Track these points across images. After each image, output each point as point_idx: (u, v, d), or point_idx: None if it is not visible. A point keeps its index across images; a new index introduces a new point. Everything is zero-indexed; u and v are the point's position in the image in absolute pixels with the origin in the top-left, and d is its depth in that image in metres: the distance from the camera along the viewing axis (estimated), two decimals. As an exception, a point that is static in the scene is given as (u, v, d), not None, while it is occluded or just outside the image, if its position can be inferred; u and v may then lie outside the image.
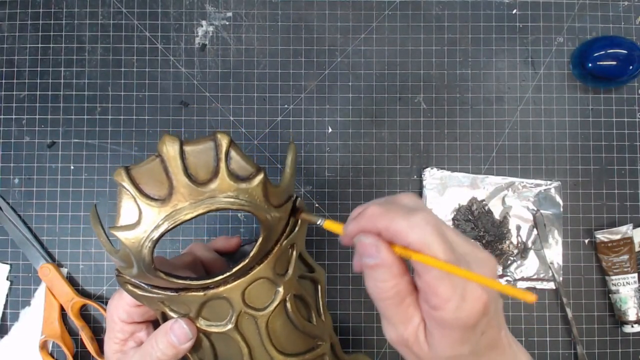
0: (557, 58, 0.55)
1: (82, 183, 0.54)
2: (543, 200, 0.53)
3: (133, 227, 0.29)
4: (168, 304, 0.33)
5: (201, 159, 0.30)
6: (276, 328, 0.34)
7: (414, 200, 0.29)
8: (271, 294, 0.33)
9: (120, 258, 0.30)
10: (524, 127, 0.54)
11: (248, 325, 0.33)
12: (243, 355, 0.34)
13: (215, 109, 0.54)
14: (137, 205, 0.29)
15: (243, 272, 0.32)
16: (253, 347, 0.34)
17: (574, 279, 0.53)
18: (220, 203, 0.29)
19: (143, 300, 0.33)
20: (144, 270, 0.30)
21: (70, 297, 0.51)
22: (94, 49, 0.54)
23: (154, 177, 0.29)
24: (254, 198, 0.30)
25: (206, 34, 0.55)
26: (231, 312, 0.33)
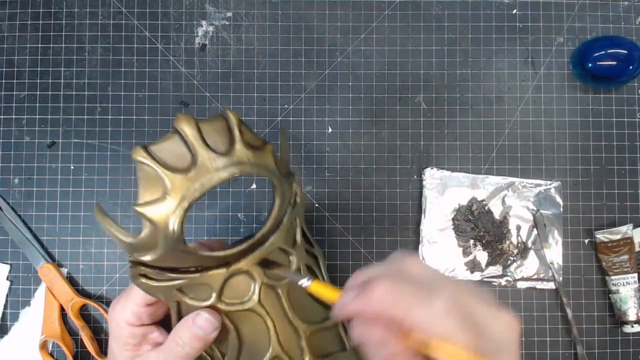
0: (557, 58, 0.55)
1: (82, 183, 0.54)
2: (543, 200, 0.53)
3: (160, 200, 0.29)
4: (187, 290, 0.33)
5: (216, 133, 0.31)
6: (296, 297, 0.34)
7: (425, 270, 0.25)
8: (286, 264, 0.34)
9: (141, 242, 0.30)
10: (524, 127, 0.54)
11: (270, 297, 0.34)
12: (269, 331, 0.33)
13: (215, 109, 0.54)
14: (160, 178, 0.29)
15: (260, 243, 0.33)
16: (277, 320, 0.34)
17: (574, 279, 0.53)
18: (242, 168, 0.30)
19: (159, 293, 0.32)
20: (170, 248, 0.29)
21: (70, 297, 0.51)
22: (94, 49, 0.54)
23: (174, 151, 0.30)
24: (268, 165, 0.32)
25: (206, 34, 0.55)
26: (253, 286, 0.33)
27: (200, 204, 0.54)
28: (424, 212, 0.53)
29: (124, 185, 0.54)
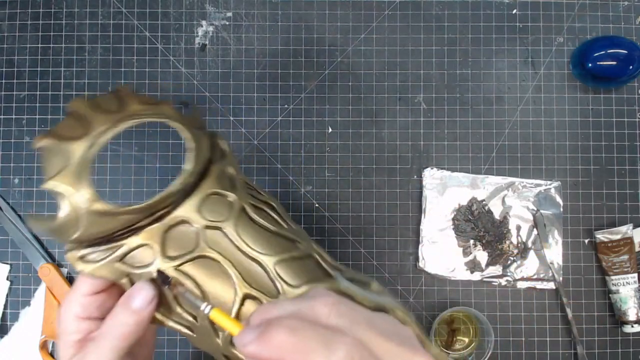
0: (557, 58, 0.55)
1: (82, 183, 0.54)
2: (543, 200, 0.53)
3: (63, 169, 0.29)
4: (130, 261, 0.31)
5: (108, 100, 0.31)
6: (248, 233, 0.32)
7: (336, 309, 0.24)
8: (226, 204, 0.32)
9: (62, 221, 0.29)
10: (524, 127, 0.54)
11: (218, 238, 0.31)
12: (231, 276, 0.31)
13: (215, 108, 0.54)
14: (60, 150, 0.29)
15: (189, 190, 0.31)
16: (234, 260, 0.31)
17: (574, 279, 0.53)
18: (137, 118, 0.30)
19: (104, 272, 0.31)
20: (88, 213, 0.29)
21: (70, 297, 0.52)
22: (94, 49, 0.54)
23: (69, 126, 0.30)
24: (165, 111, 0.32)
25: (206, 34, 0.55)
26: (196, 232, 0.31)
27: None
28: (424, 212, 0.53)
29: (124, 185, 0.54)
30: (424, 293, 0.53)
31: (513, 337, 0.53)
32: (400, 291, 0.53)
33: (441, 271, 0.53)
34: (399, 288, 0.53)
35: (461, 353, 0.52)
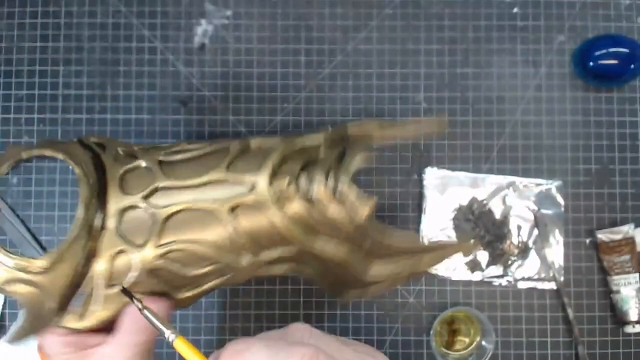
0: (558, 57, 0.55)
1: (81, 183, 0.53)
2: (544, 199, 0.53)
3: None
4: (118, 281, 0.30)
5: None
6: (179, 172, 0.32)
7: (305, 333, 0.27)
8: (143, 172, 0.33)
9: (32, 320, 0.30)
10: (525, 126, 0.54)
11: (165, 196, 0.31)
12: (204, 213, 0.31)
13: (215, 108, 0.54)
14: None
15: (102, 194, 0.31)
16: (192, 198, 0.31)
17: (575, 279, 0.53)
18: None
19: (106, 312, 0.30)
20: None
21: (69, 297, 0.51)
22: (92, 48, 0.54)
23: None
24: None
25: (205, 32, 0.55)
26: (144, 209, 0.31)
27: None
28: (424, 212, 0.53)
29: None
30: (425, 293, 0.53)
31: (514, 338, 0.52)
32: (401, 291, 0.53)
33: (441, 271, 0.52)
34: (399, 288, 0.53)
35: (462, 353, 0.52)
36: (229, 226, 0.31)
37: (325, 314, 0.53)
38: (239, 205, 0.31)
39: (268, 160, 0.32)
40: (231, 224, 0.31)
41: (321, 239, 0.32)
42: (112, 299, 0.30)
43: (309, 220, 0.31)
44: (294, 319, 0.53)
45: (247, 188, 0.31)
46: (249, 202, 0.31)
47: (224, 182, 0.32)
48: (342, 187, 0.32)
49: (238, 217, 0.31)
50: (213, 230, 0.31)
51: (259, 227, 0.31)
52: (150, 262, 0.30)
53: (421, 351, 0.52)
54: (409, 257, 0.37)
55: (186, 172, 0.32)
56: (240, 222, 0.31)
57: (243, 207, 0.31)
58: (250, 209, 0.31)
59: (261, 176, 0.31)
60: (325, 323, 0.53)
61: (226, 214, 0.31)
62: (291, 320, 0.52)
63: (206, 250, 0.31)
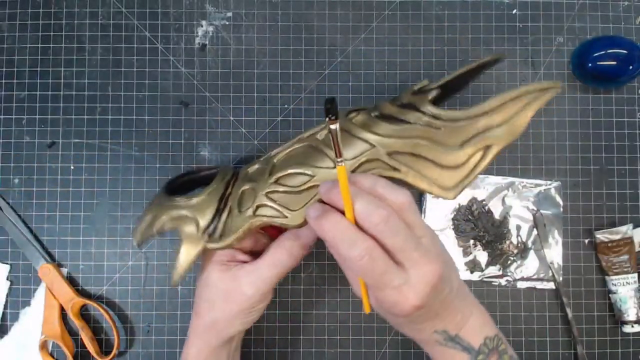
0: (557, 58, 0.55)
1: (82, 183, 0.54)
2: (543, 200, 0.53)
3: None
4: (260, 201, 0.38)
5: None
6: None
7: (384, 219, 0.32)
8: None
9: (201, 202, 0.39)
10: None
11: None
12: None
13: (215, 109, 0.54)
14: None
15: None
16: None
17: (574, 279, 0.53)
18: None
19: (240, 235, 0.38)
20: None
21: (70, 297, 0.51)
22: (94, 49, 0.54)
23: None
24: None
25: (206, 33, 0.55)
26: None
27: None
28: (424, 212, 0.53)
29: (124, 185, 0.54)
30: None
31: (513, 337, 0.53)
32: None
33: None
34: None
35: (461, 353, 0.52)
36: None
37: (325, 313, 0.53)
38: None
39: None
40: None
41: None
42: (243, 220, 0.38)
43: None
44: (294, 318, 0.53)
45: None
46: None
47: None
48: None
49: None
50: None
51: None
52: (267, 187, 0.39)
53: (421, 351, 0.51)
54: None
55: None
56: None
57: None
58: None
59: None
60: (325, 323, 0.53)
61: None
62: (292, 319, 0.52)
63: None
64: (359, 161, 0.37)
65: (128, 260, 0.53)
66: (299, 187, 0.37)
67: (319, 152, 0.38)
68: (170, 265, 0.45)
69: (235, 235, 0.37)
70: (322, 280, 0.53)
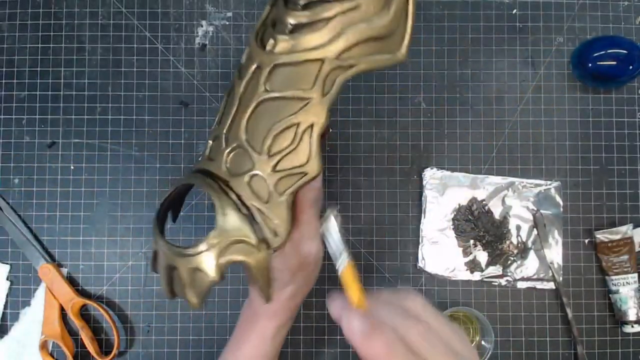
0: (557, 58, 0.55)
1: (82, 183, 0.54)
2: (543, 200, 0.53)
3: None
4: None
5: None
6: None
7: (425, 335, 0.30)
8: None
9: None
10: (524, 127, 0.54)
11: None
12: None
13: (216, 109, 0.54)
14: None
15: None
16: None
17: (574, 279, 0.53)
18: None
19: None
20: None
21: (70, 297, 0.51)
22: (94, 49, 0.54)
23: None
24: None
25: (206, 33, 0.55)
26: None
27: (200, 205, 0.54)
28: (424, 212, 0.53)
29: (124, 185, 0.54)
30: (424, 293, 0.53)
31: (513, 337, 0.53)
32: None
33: (441, 271, 0.53)
34: (399, 288, 0.53)
35: (461, 353, 0.52)
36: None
37: (325, 313, 0.53)
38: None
39: None
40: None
41: None
42: (276, 206, 0.34)
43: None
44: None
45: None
46: None
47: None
48: None
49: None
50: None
51: None
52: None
53: None
54: None
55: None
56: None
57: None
58: None
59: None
60: (325, 323, 0.53)
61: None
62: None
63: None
64: (323, 79, 0.34)
65: (128, 260, 0.53)
66: (294, 142, 0.34)
67: (284, 100, 0.34)
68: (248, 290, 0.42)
69: (285, 223, 0.34)
70: (321, 280, 0.53)
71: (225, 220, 0.33)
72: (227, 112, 0.35)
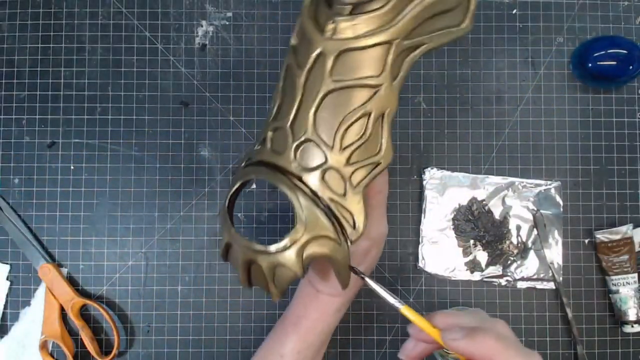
0: (557, 58, 0.55)
1: (82, 183, 0.54)
2: (543, 200, 0.53)
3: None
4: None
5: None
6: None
7: (511, 333, 0.33)
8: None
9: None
10: (524, 127, 0.54)
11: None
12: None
13: (215, 109, 0.54)
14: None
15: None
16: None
17: (574, 279, 0.53)
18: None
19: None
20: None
21: (71, 297, 0.51)
22: (94, 49, 0.54)
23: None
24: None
25: (206, 33, 0.55)
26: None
27: (200, 205, 0.54)
28: (424, 212, 0.53)
29: (124, 185, 0.54)
30: (424, 293, 0.53)
31: (513, 337, 0.53)
32: (401, 291, 0.53)
33: (441, 271, 0.52)
34: (399, 288, 0.53)
35: (461, 353, 0.52)
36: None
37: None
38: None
39: None
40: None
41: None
42: (352, 198, 0.33)
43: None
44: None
45: None
46: None
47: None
48: None
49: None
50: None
51: None
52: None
53: None
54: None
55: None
56: None
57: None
58: None
59: None
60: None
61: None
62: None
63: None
64: (391, 63, 0.32)
65: (128, 260, 0.53)
66: (366, 133, 0.33)
67: (354, 89, 0.32)
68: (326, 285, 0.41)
69: (362, 215, 0.33)
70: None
71: (306, 216, 0.32)
72: (288, 102, 0.33)
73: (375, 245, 0.39)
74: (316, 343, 0.40)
